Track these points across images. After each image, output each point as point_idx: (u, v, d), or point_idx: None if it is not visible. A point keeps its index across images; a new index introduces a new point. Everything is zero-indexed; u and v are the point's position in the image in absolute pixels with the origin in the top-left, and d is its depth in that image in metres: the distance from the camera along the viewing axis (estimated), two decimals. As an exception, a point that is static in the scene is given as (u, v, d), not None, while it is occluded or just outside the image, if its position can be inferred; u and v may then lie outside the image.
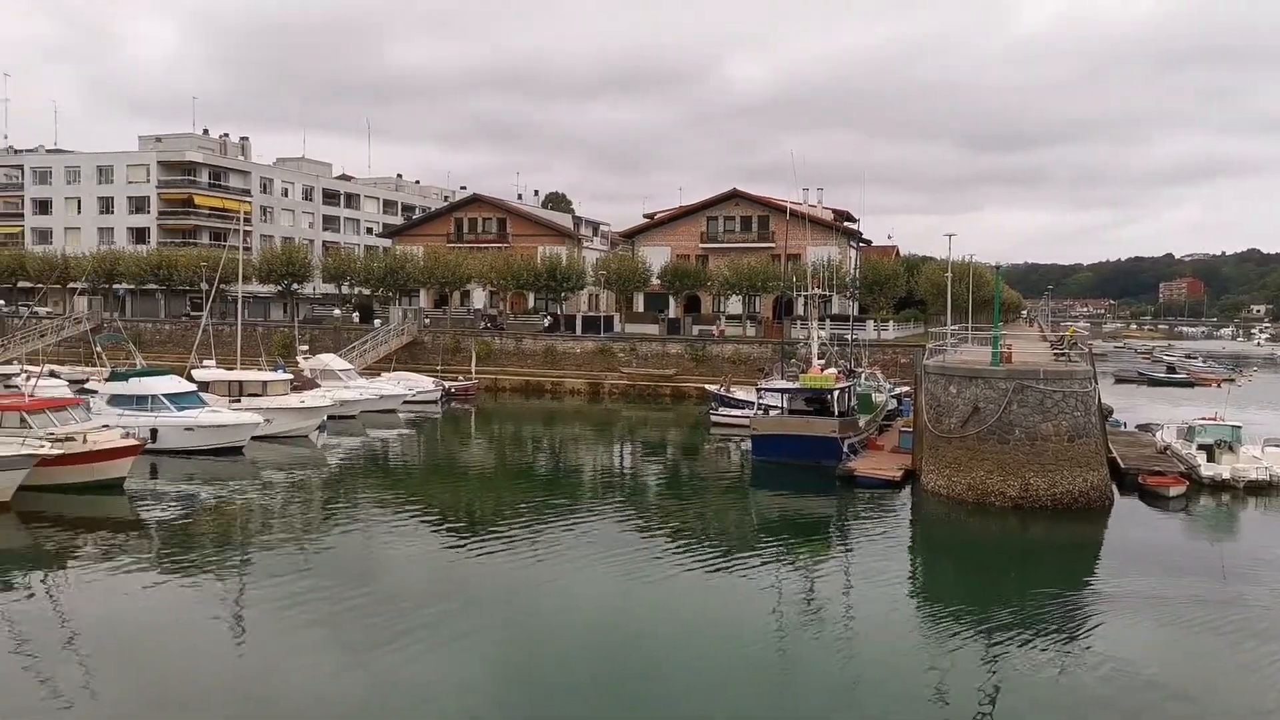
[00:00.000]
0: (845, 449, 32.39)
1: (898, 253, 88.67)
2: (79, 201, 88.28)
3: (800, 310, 59.19)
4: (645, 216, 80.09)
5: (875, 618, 18.27)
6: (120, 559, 21.56)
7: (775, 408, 35.03)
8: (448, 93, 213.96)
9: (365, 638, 16.51)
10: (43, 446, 25.81)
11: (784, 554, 23.04)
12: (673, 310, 68.39)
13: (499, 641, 16.79)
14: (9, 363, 50.27)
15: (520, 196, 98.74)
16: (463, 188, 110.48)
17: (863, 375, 43.52)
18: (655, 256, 69.71)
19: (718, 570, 21.30)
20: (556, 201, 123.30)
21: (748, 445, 35.35)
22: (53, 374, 43.40)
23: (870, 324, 60.65)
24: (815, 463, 31.73)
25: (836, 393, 33.76)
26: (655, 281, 67.06)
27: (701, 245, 72.29)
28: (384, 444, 39.74)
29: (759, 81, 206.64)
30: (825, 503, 29.15)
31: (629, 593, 19.51)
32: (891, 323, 64.07)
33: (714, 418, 44.18)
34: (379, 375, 52.20)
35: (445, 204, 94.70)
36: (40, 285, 76.86)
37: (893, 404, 43.24)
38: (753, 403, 38.74)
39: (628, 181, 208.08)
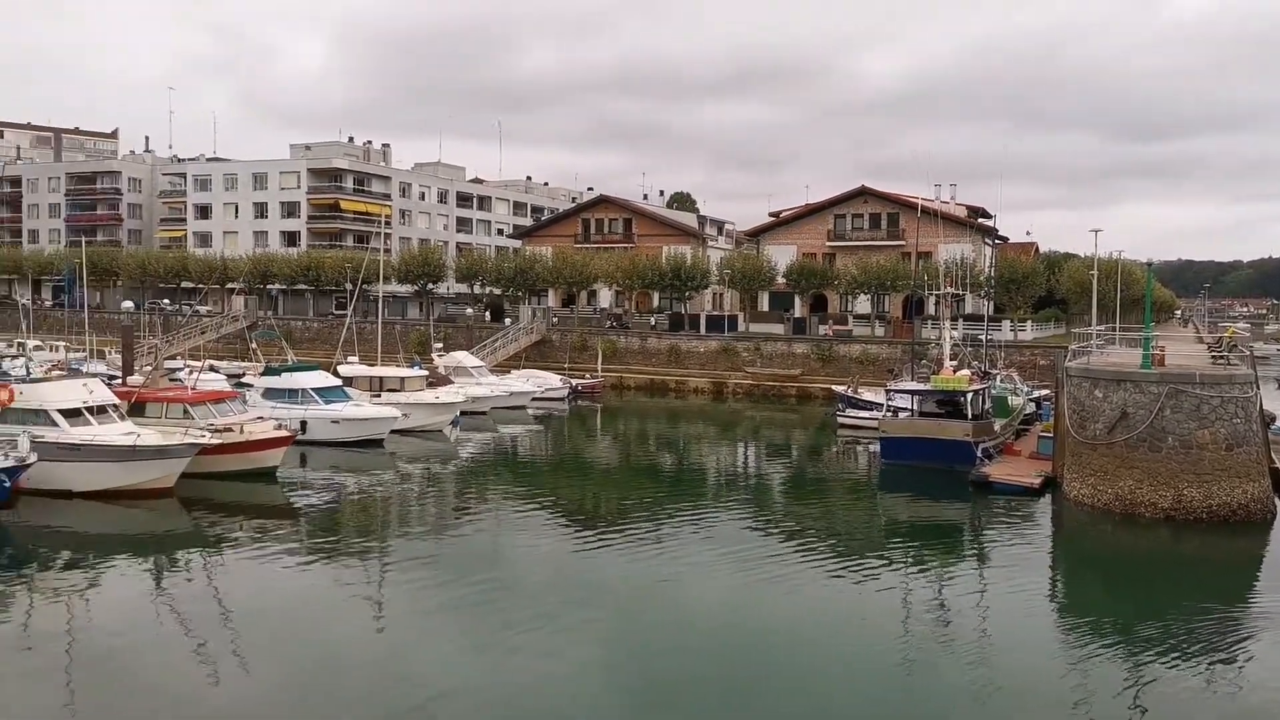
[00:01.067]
0: (979, 453, 31.28)
1: (1036, 249, 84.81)
2: (236, 207, 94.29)
3: (931, 310, 57.46)
4: (770, 215, 79.42)
5: (1010, 629, 17.60)
6: (272, 543, 23.00)
7: (905, 410, 34.14)
8: (575, 96, 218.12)
9: (493, 625, 17.06)
10: (204, 436, 27.71)
11: (913, 560, 22.47)
12: (798, 309, 67.57)
13: (618, 635, 17.06)
14: (173, 358, 54.17)
15: (646, 197, 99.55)
16: (590, 189, 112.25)
17: (998, 377, 41.88)
18: (780, 255, 69.01)
19: (841, 574, 20.98)
20: (681, 201, 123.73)
21: (876, 448, 34.61)
22: (212, 369, 46.55)
23: (1006, 324, 58.28)
24: (947, 467, 30.77)
25: (970, 395, 32.64)
26: (780, 280, 66.39)
27: (828, 243, 71.11)
28: (513, 439, 40.87)
29: (887, 75, 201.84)
30: (957, 509, 28.24)
31: (749, 593, 19.44)
32: (1029, 323, 61.37)
33: (841, 419, 43.44)
34: (509, 372, 53.62)
35: (573, 205, 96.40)
36: (201, 286, 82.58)
37: (1030, 407, 41.42)
38: (881, 404, 37.87)
39: (753, 180, 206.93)
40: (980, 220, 71.62)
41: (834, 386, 49.16)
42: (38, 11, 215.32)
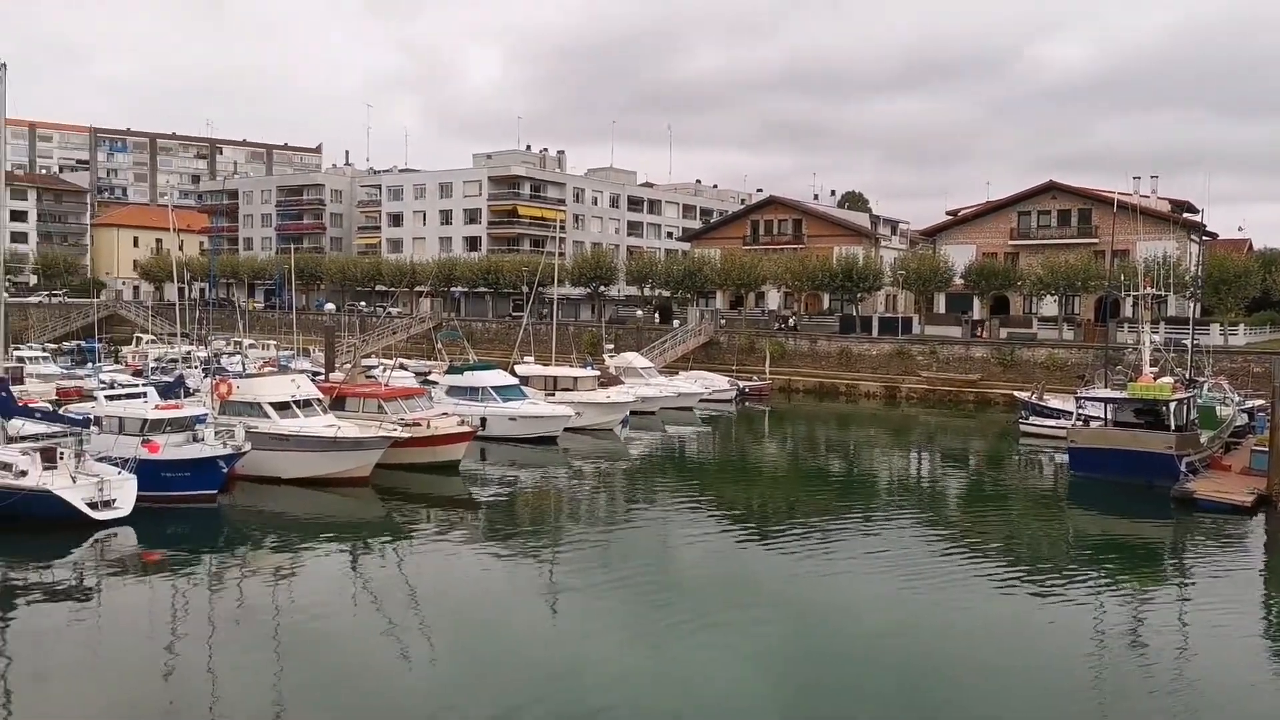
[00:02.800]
0: (1183, 468, 28.89)
1: (1250, 246, 77.41)
2: (424, 214, 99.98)
3: (1128, 312, 53.54)
4: (948, 213, 76.35)
5: (1213, 661, 16.20)
6: (455, 533, 24.30)
7: (1097, 419, 32.04)
8: (743, 97, 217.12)
9: (660, 623, 17.33)
10: (396, 430, 29.59)
11: (1104, 580, 21.05)
12: (977, 311, 64.59)
13: (783, 639, 16.92)
14: (369, 356, 58.04)
15: (816, 197, 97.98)
16: (759, 190, 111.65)
17: (1205, 385, 38.55)
18: (959, 255, 66.17)
19: (1023, 591, 19.94)
20: (853, 201, 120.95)
21: (1063, 458, 32.66)
22: (402, 366, 49.54)
23: (1215, 327, 53.49)
24: (1145, 481, 28.61)
25: (1173, 404, 30.21)
26: (958, 281, 63.69)
27: (1011, 242, 67.59)
28: (681, 440, 41.27)
29: (1076, 62, 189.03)
30: (1157, 526, 26.22)
31: (921, 604, 18.77)
32: (1242, 326, 56.06)
33: (1024, 427, 41.23)
34: (677, 374, 54.13)
35: (742, 207, 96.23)
36: (393, 289, 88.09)
37: (1242, 419, 37.85)
38: (1070, 412, 35.69)
39: (928, 177, 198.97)
40: (1185, 215, 66.10)
41: (1016, 393, 46.71)
42: (253, 36, 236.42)
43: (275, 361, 48.53)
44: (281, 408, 28.79)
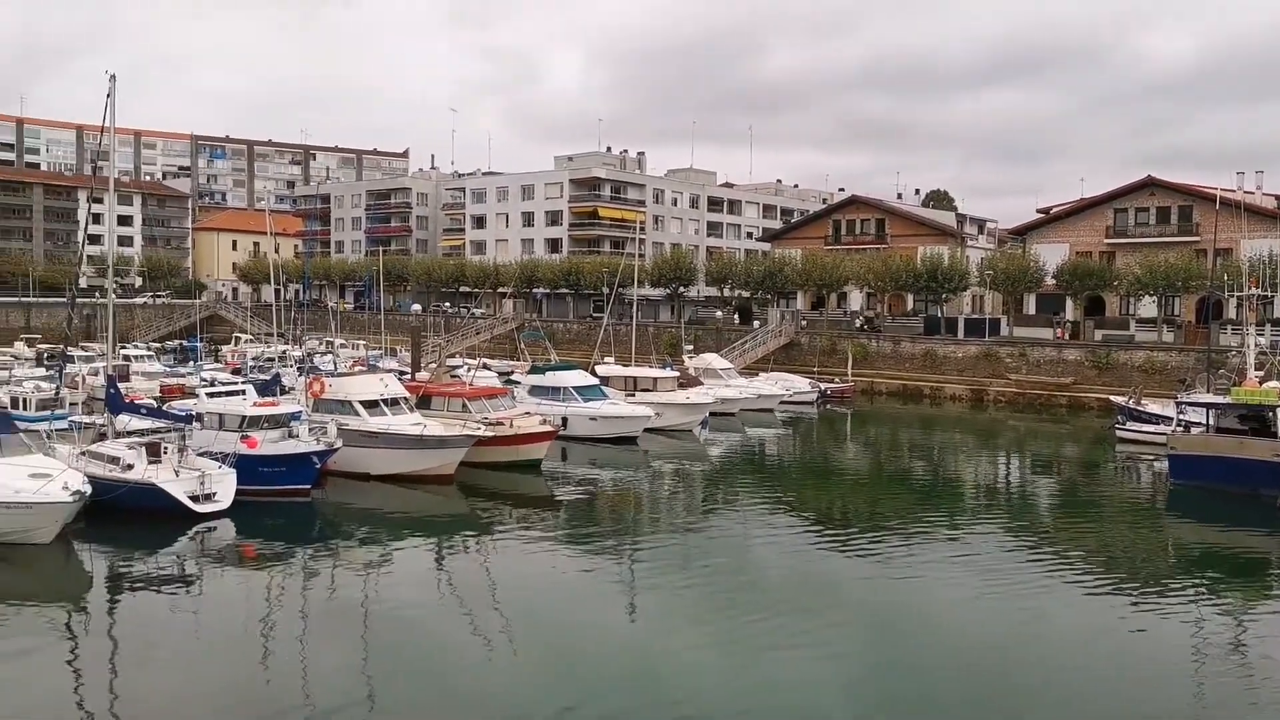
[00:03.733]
0: (1291, 476, 27.44)
1: (1371, 243, 72.91)
2: (506, 217, 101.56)
3: (1231, 313, 51.11)
4: (1039, 211, 74.03)
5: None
6: (536, 531, 24.65)
7: (1199, 424, 30.69)
8: (823, 95, 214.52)
9: (737, 626, 17.27)
10: (479, 429, 30.16)
11: (1204, 592, 20.17)
12: (1070, 312, 62.49)
13: (863, 645, 16.69)
14: (453, 356, 59.28)
15: (900, 196, 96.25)
16: (840, 189, 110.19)
17: (1317, 390, 36.51)
18: (1050, 254, 64.10)
19: (1117, 602, 19.23)
20: (938, 199, 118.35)
21: (1163, 466, 31.39)
22: (485, 366, 50.45)
23: (1329, 330, 50.60)
24: (1252, 491, 27.29)
25: (1280, 410, 28.74)
26: (1049, 281, 61.70)
27: (1107, 241, 65.17)
28: (761, 442, 41.01)
29: (1176, 53, 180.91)
30: (1262, 537, 24.98)
31: (1008, 614, 18.28)
32: (1360, 328, 52.93)
33: (1120, 433, 39.71)
34: (757, 375, 53.84)
35: (823, 206, 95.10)
36: (477, 290, 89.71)
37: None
38: (1170, 418, 34.27)
39: (1016, 174, 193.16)
40: (1296, 211, 62.72)
41: (1112, 397, 45.06)
42: (345, 47, 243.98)
43: (364, 361, 49.93)
44: (371, 406, 29.60)
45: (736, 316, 75.79)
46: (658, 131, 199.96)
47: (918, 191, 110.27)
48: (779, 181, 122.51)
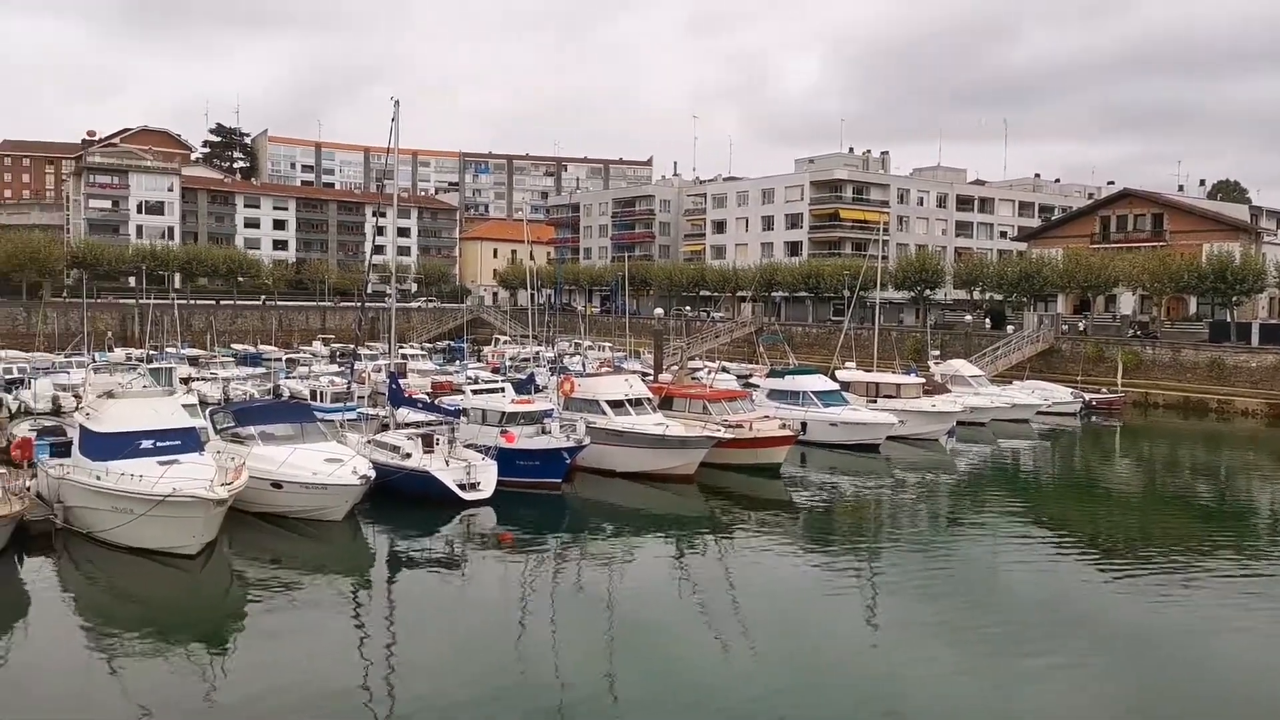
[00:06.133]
0: None
1: None
2: (746, 221, 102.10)
3: None
4: (1359, 200, 64.28)
5: None
6: (774, 536, 24.68)
7: None
8: (1081, 82, 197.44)
9: (982, 649, 16.44)
10: (720, 431, 30.59)
11: None
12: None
13: (1124, 682, 15.31)
14: (693, 358, 60.44)
15: (1181, 188, 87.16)
16: (1109, 183, 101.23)
17: None
18: (1374, 250, 55.50)
19: None
20: (1227, 191, 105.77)
21: None
22: (724, 370, 51.06)
23: None
24: None
25: None
26: (1372, 281, 53.44)
27: None
28: (1014, 455, 38.55)
29: None
30: None
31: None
32: None
33: None
34: (1010, 383, 50.67)
35: (1088, 202, 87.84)
36: (716, 294, 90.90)
37: None
38: None
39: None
40: None
41: None
42: (593, 62, 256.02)
43: (610, 362, 52.07)
44: (617, 406, 30.84)
45: (988, 321, 71.71)
46: (902, 129, 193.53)
47: (1202, 183, 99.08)
48: (1037, 176, 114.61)
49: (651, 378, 41.75)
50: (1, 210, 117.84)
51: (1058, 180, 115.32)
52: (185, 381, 44.52)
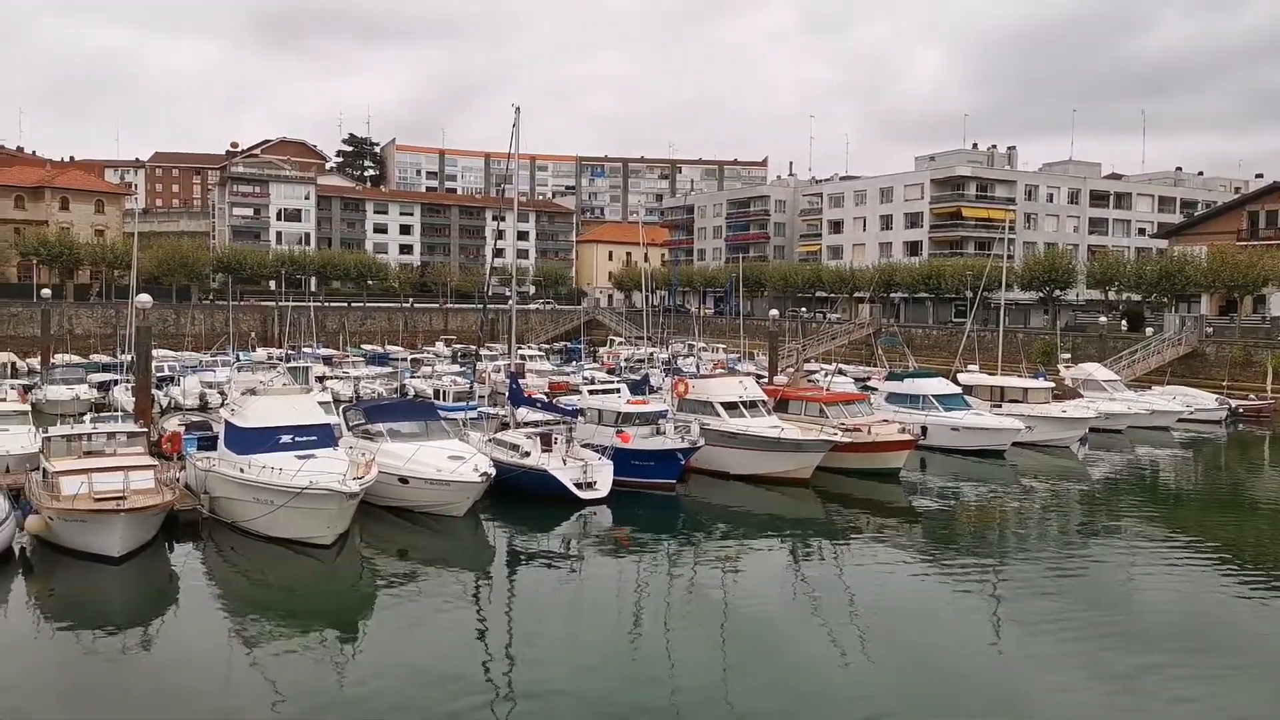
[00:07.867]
0: None
1: None
2: (864, 220, 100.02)
3: None
4: None
5: None
6: (893, 542, 24.13)
7: None
8: (1225, 69, 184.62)
9: (1114, 667, 15.64)
10: (836, 434, 30.13)
11: None
12: None
13: (1259, 699, 14.33)
14: (809, 360, 59.69)
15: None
16: (1258, 175, 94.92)
17: None
18: None
19: None
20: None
21: None
22: (840, 372, 50.25)
23: None
24: None
25: None
26: None
27: None
28: (1153, 464, 36.50)
29: None
30: None
31: None
32: None
33: None
34: (1149, 388, 48.06)
35: (1235, 196, 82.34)
36: (833, 295, 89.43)
37: None
38: None
39: None
40: None
41: None
42: (706, 64, 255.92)
43: (724, 364, 51.97)
44: (730, 407, 30.79)
45: (1124, 322, 68.15)
46: (1030, 124, 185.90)
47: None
48: (1178, 170, 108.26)
49: (766, 380, 41.47)
50: (153, 218, 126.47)
51: (1200, 174, 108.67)
52: (320, 380, 46.82)
